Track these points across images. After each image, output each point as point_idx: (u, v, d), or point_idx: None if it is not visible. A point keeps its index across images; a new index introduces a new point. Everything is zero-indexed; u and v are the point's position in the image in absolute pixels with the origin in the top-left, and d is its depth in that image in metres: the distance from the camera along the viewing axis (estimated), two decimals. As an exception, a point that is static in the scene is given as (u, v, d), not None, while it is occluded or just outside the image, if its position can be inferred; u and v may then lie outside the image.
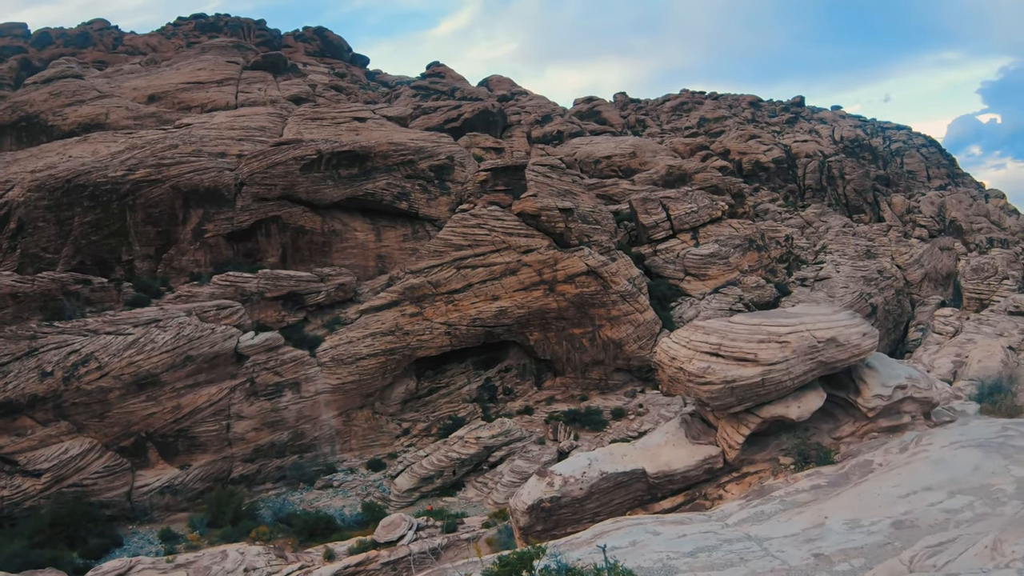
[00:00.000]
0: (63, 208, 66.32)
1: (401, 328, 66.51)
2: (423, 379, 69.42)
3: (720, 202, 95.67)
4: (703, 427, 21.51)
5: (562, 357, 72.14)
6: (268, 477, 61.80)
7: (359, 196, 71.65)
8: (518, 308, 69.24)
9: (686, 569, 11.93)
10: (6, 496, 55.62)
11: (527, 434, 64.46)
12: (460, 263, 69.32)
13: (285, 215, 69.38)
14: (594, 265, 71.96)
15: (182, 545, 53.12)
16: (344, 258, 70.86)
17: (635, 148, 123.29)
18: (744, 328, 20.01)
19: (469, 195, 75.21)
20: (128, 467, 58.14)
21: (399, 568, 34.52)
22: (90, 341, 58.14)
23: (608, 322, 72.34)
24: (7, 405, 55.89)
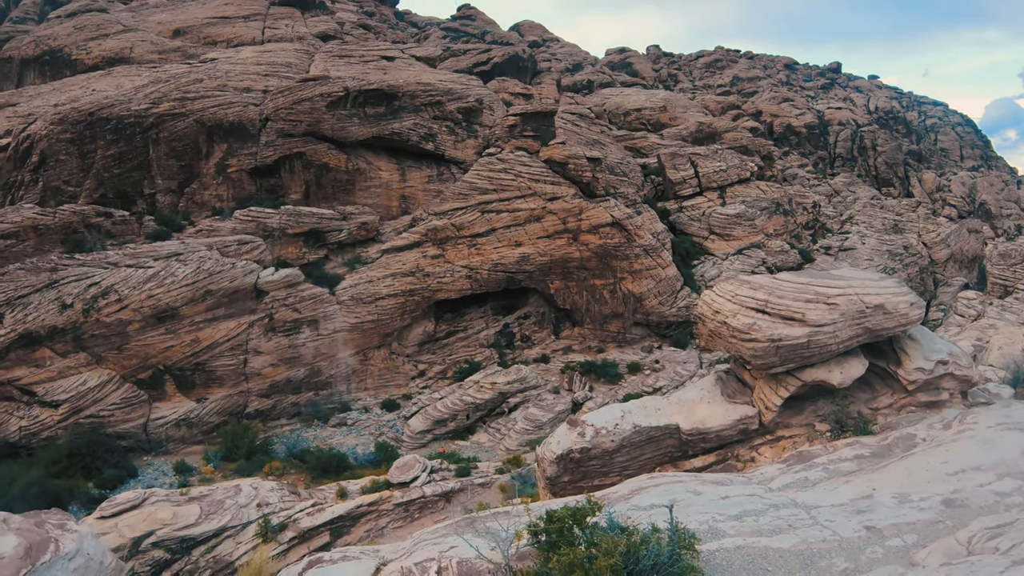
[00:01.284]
0: (86, 141, 65.89)
1: (422, 269, 66.09)
2: (441, 322, 69.16)
3: (749, 163, 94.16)
4: (739, 386, 20.83)
5: (582, 307, 71.63)
6: (283, 413, 61.99)
7: (385, 135, 70.73)
8: (541, 255, 68.62)
9: (733, 533, 11.38)
10: (24, 426, 56.19)
11: (542, 382, 64.18)
12: (485, 207, 68.65)
13: (310, 152, 68.60)
14: (619, 217, 71.09)
15: (196, 477, 53.34)
16: (367, 197, 70.18)
17: (666, 102, 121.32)
18: (792, 286, 19.19)
19: (496, 139, 74.21)
20: (145, 399, 58.42)
21: (411, 510, 34.44)
22: (110, 274, 58.13)
23: (630, 275, 71.66)
24: (26, 336, 56.23)
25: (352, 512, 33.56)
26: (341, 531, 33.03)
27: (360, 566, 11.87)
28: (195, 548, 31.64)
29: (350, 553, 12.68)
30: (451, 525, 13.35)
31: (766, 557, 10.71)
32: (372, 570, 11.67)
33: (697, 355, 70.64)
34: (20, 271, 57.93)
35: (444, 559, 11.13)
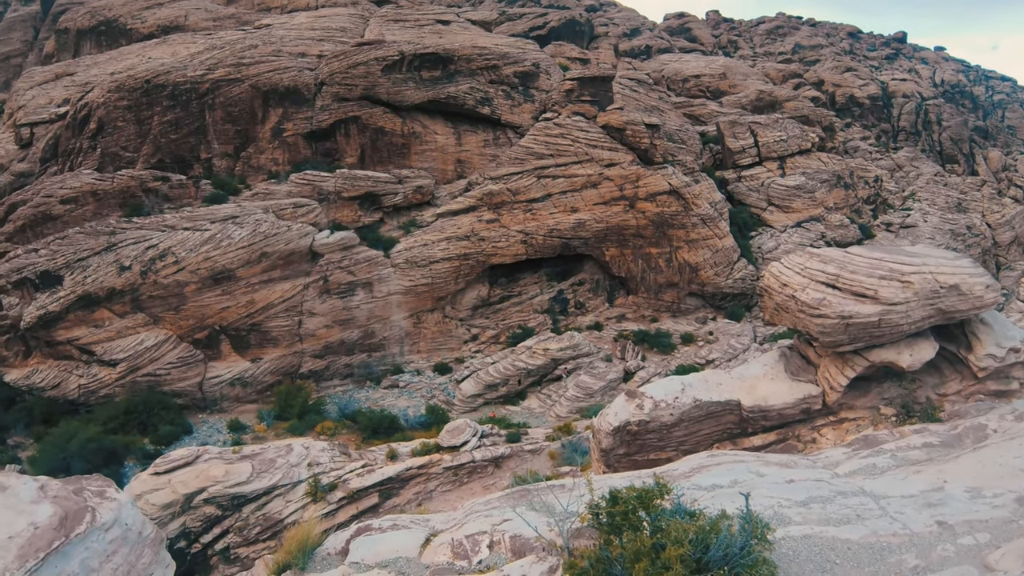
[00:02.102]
0: (142, 108, 66.51)
1: (477, 234, 65.91)
2: (495, 286, 69.00)
3: (810, 133, 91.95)
4: (802, 363, 20.10)
5: (636, 276, 70.94)
6: (336, 374, 62.63)
7: (440, 99, 70.26)
8: (597, 222, 67.99)
9: (800, 520, 10.92)
10: (83, 384, 57.83)
11: (595, 350, 63.87)
12: (541, 172, 68.08)
13: (365, 116, 68.45)
14: (677, 185, 70.06)
15: (249, 435, 54.24)
16: (423, 161, 69.96)
17: (725, 69, 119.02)
18: (864, 261, 18.35)
19: (553, 104, 73.30)
20: (201, 359, 59.51)
21: (460, 474, 34.38)
22: (168, 236, 59.09)
23: (686, 244, 70.75)
24: (86, 298, 57.63)
25: (401, 474, 33.62)
26: (390, 493, 33.09)
27: (409, 536, 11.70)
28: (246, 505, 31.98)
29: (400, 522, 12.53)
30: (505, 497, 13.09)
31: (833, 548, 10.26)
32: (421, 540, 11.47)
33: (751, 328, 69.72)
34: (79, 235, 59.27)
35: (496, 533, 10.92)
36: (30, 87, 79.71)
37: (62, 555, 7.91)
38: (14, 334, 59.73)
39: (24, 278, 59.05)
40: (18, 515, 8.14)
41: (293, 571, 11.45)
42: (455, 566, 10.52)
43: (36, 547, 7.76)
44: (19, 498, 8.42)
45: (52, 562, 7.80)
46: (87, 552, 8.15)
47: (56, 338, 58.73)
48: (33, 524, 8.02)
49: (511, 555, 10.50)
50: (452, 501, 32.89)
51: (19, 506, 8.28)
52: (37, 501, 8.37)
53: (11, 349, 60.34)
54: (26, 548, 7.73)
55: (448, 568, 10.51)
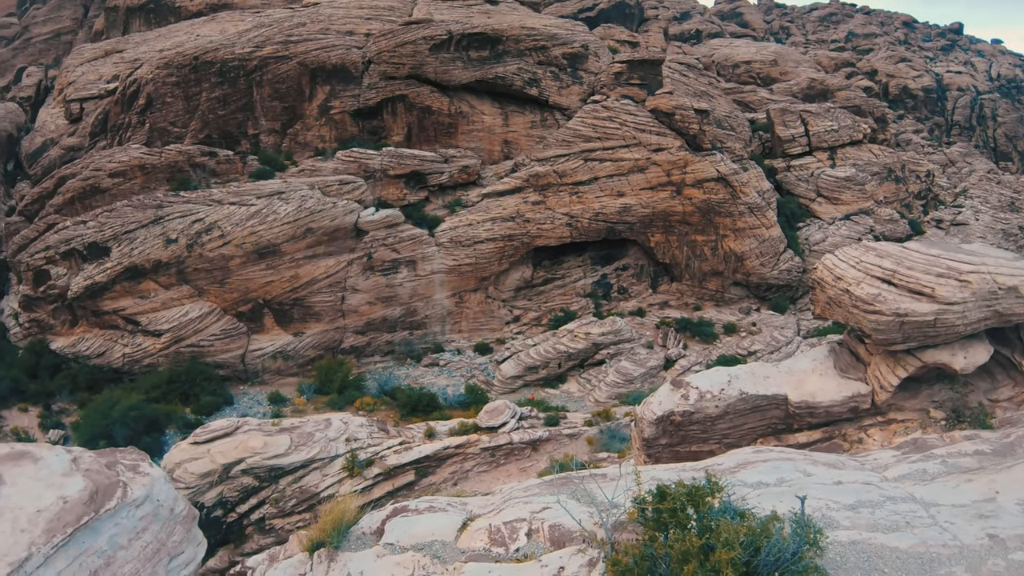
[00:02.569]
0: (190, 84, 67.25)
1: (522, 215, 65.65)
2: (539, 268, 68.79)
3: (862, 124, 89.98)
4: (852, 360, 19.48)
5: (681, 263, 70.31)
6: (377, 350, 63.04)
7: (488, 79, 69.91)
8: (643, 207, 67.38)
9: (848, 525, 10.57)
10: (127, 354, 59.04)
11: (636, 336, 63.45)
12: (588, 155, 67.54)
13: (412, 94, 68.37)
14: (725, 172, 69.14)
15: (289, 408, 54.86)
16: (469, 141, 69.76)
17: (777, 56, 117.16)
18: (921, 257, 17.72)
19: (602, 86, 72.61)
20: (244, 331, 60.25)
21: (497, 455, 34.34)
22: (214, 210, 59.67)
23: (732, 233, 69.85)
24: (133, 269, 58.62)
25: (438, 453, 33.71)
26: (426, 471, 33.29)
27: (446, 519, 11.53)
28: (283, 477, 32.30)
29: (436, 504, 12.35)
30: (545, 483, 12.85)
31: (882, 557, 9.92)
32: (458, 525, 11.30)
33: (795, 321, 68.76)
34: (127, 208, 60.17)
35: (536, 521, 10.69)
36: (80, 63, 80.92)
37: (90, 531, 7.80)
38: (61, 303, 61.08)
39: (72, 249, 60.28)
40: (48, 488, 8.03)
41: (327, 549, 11.34)
42: (492, 553, 10.34)
43: (64, 522, 7.65)
44: (51, 470, 8.32)
45: (80, 538, 7.69)
46: (116, 528, 8.04)
47: (102, 308, 59.80)
48: (63, 498, 7.91)
49: (550, 545, 10.27)
50: (488, 482, 32.94)
51: (50, 479, 8.18)
52: (69, 474, 8.27)
53: (58, 318, 61.67)
54: (54, 523, 7.61)
55: (484, 554, 10.33)
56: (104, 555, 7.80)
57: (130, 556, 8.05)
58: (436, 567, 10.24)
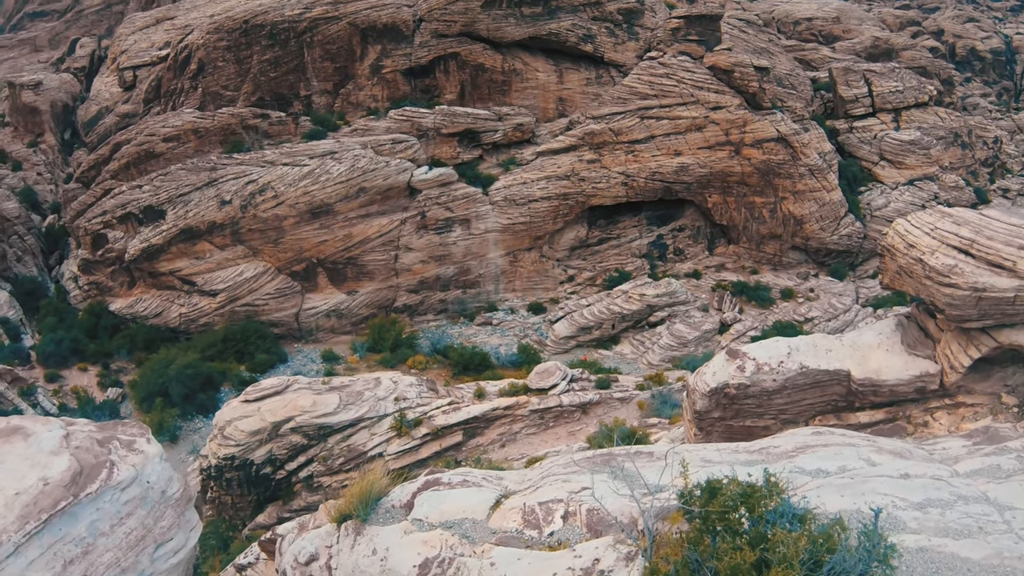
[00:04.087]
0: (241, 48, 67.48)
1: (577, 174, 64.72)
2: (594, 228, 67.84)
3: (928, 86, 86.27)
4: (920, 336, 18.10)
5: (739, 225, 68.82)
6: (430, 309, 63.25)
7: (542, 36, 68.67)
8: (700, 167, 65.90)
9: (915, 527, 9.60)
10: (184, 313, 60.18)
11: (692, 298, 62.60)
12: (644, 113, 66.11)
13: (464, 52, 67.60)
14: (785, 132, 67.12)
15: (342, 366, 55.38)
16: (523, 98, 68.81)
17: (839, 13, 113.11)
18: (1002, 227, 16.27)
19: (658, 42, 70.77)
20: (298, 290, 60.81)
21: (546, 418, 34.04)
22: (267, 172, 60.01)
23: (792, 196, 67.96)
24: (188, 231, 59.43)
25: (487, 414, 33.61)
26: (474, 432, 33.21)
27: (479, 495, 11.08)
28: (331, 436, 32.57)
29: (471, 477, 11.91)
30: (586, 460, 12.19)
31: (952, 568, 8.81)
32: (491, 502, 10.81)
33: (854, 288, 67.03)
34: (181, 171, 60.94)
35: (573, 503, 10.13)
36: (132, 32, 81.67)
37: (68, 516, 7.39)
38: (119, 266, 62.31)
39: (129, 213, 61.29)
40: (32, 468, 7.66)
41: (354, 521, 11.07)
42: (524, 535, 9.89)
43: (40, 507, 7.25)
44: (39, 447, 7.96)
45: (56, 524, 7.28)
46: (98, 514, 7.61)
47: (159, 269, 60.80)
48: (44, 479, 7.52)
49: (586, 531, 9.73)
50: (536, 445, 32.82)
51: (36, 457, 7.82)
52: (56, 452, 7.89)
53: (116, 280, 62.87)
54: (30, 507, 7.23)
55: (516, 537, 9.89)
56: (82, 543, 7.40)
57: (111, 544, 7.61)
58: (464, 547, 9.85)
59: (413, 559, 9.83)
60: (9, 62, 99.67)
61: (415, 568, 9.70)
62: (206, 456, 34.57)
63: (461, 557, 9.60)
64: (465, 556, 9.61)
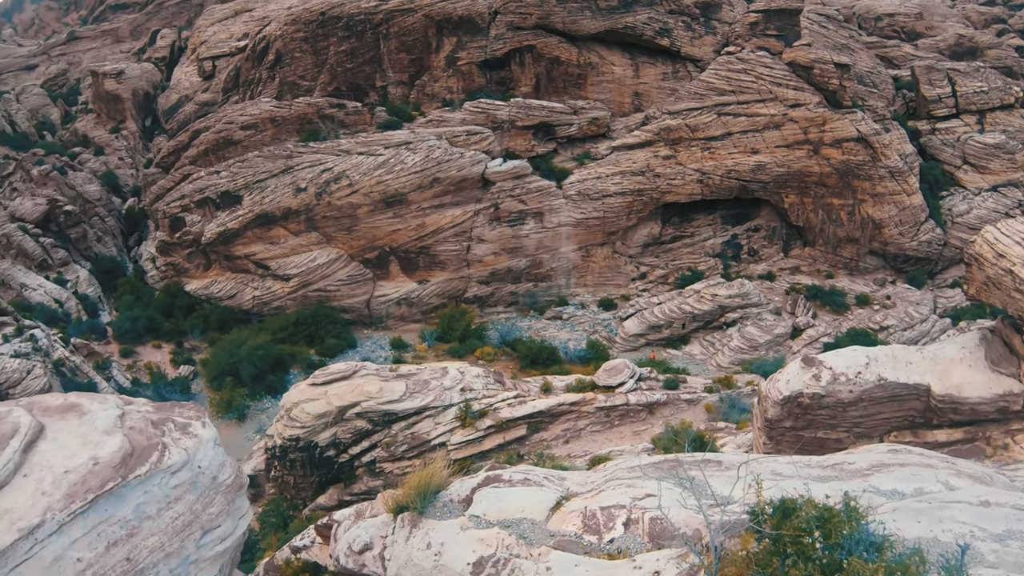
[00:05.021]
0: (318, 39, 68.14)
1: (652, 169, 64.06)
2: (668, 225, 67.09)
3: (1014, 87, 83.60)
4: (1005, 352, 17.15)
5: (815, 227, 67.28)
6: (500, 301, 63.25)
7: (618, 29, 67.98)
8: (777, 166, 64.66)
9: (993, 561, 8.55)
10: (257, 296, 61.62)
11: (764, 301, 61.53)
12: (721, 109, 65.20)
13: (540, 45, 67.29)
14: (866, 132, 65.49)
15: (410, 354, 55.85)
16: (599, 92, 68.29)
17: (922, 9, 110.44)
18: None
19: (736, 37, 69.66)
20: (370, 277, 61.55)
21: (612, 416, 33.72)
22: (342, 160, 60.75)
23: (871, 198, 66.25)
24: (263, 217, 60.64)
25: (552, 409, 33.47)
26: (538, 427, 33.05)
27: (540, 495, 10.80)
28: (395, 423, 32.82)
29: (532, 476, 11.65)
30: (652, 465, 11.70)
31: None
32: (552, 503, 10.53)
33: (932, 298, 65.15)
34: (258, 158, 62.14)
35: (636, 509, 9.77)
36: (211, 23, 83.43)
37: (115, 498, 7.25)
38: (196, 248, 64.01)
39: (206, 198, 62.86)
40: (84, 446, 7.57)
41: (411, 513, 10.96)
42: (583, 540, 9.59)
43: (88, 487, 7.12)
44: (93, 426, 7.86)
45: (102, 505, 7.15)
46: (145, 497, 7.46)
47: (234, 253, 62.00)
48: (94, 459, 7.40)
49: (648, 540, 9.35)
50: (600, 443, 32.55)
51: (89, 435, 7.71)
52: (110, 432, 7.78)
53: (193, 262, 64.39)
54: (77, 486, 7.11)
55: (575, 541, 9.59)
56: (127, 525, 7.27)
57: (156, 528, 7.48)
58: (521, 549, 9.61)
59: (468, 557, 9.72)
60: (92, 52, 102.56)
61: (469, 566, 9.58)
62: (272, 436, 35.12)
63: (517, 559, 9.41)
64: (521, 558, 9.40)
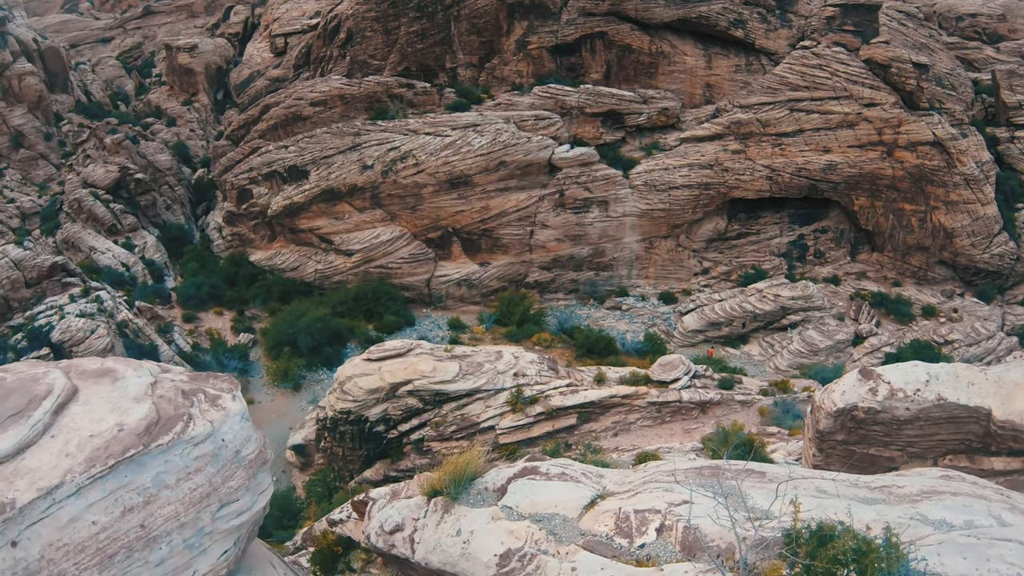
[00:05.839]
0: (389, 19, 68.41)
1: (720, 164, 63.19)
2: (734, 221, 66.16)
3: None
4: None
5: (885, 232, 65.73)
6: (561, 288, 63.18)
7: (691, 19, 67.03)
8: (849, 166, 63.31)
9: None
10: (319, 270, 62.55)
11: (828, 305, 60.59)
12: (794, 105, 63.95)
13: (612, 32, 66.66)
14: (942, 136, 63.74)
15: (467, 335, 56.18)
16: (670, 82, 67.52)
17: (1006, 10, 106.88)
18: None
19: (812, 31, 68.25)
20: (431, 257, 61.95)
21: (664, 412, 33.35)
22: (410, 140, 61.17)
23: (944, 206, 64.44)
24: (329, 192, 61.40)
25: (604, 400, 33.24)
26: (588, 417, 32.89)
27: (576, 491, 10.60)
28: (446, 403, 33.00)
29: (570, 471, 11.44)
30: (693, 470, 11.30)
31: None
32: (587, 501, 10.32)
33: (1000, 314, 63.38)
34: (326, 134, 62.87)
35: (671, 516, 9.45)
36: (284, 1, 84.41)
37: (136, 465, 7.34)
38: (262, 220, 65.08)
39: (274, 171, 63.72)
40: (112, 412, 7.68)
41: (444, 498, 10.97)
42: (613, 543, 9.36)
43: (110, 452, 7.23)
44: (124, 392, 7.99)
45: (122, 471, 7.24)
46: (165, 466, 7.53)
47: (299, 226, 62.82)
48: (120, 425, 7.51)
49: (679, 549, 9.03)
50: (649, 438, 32.25)
51: (119, 401, 7.83)
52: (139, 399, 7.89)
53: (258, 233, 65.47)
54: (100, 451, 7.22)
55: (604, 543, 9.38)
56: (145, 492, 7.37)
57: (173, 497, 7.56)
58: (549, 545, 9.46)
59: (495, 547, 9.63)
60: (167, 26, 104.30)
61: (495, 557, 9.50)
62: (324, 408, 35.59)
63: (544, 555, 9.28)
64: (548, 555, 9.27)
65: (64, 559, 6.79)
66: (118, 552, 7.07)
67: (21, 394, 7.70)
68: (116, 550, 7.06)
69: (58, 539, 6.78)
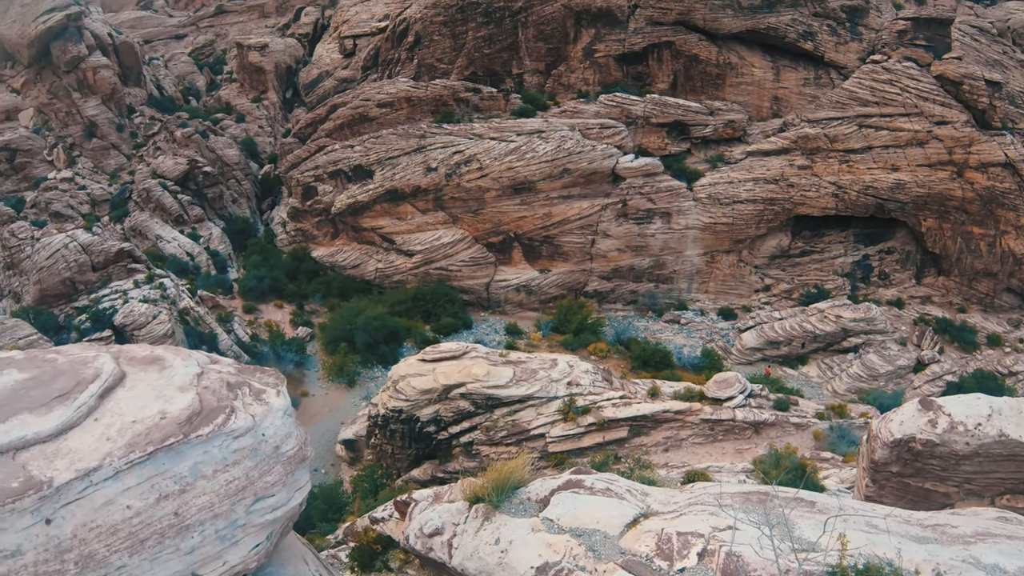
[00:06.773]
0: (457, 24, 68.67)
1: (786, 179, 62.45)
2: (797, 238, 65.24)
3: None
4: None
5: (952, 255, 64.28)
6: (619, 298, 62.93)
7: (760, 30, 66.19)
8: (918, 186, 62.10)
9: None
10: (380, 268, 63.35)
11: (890, 329, 59.29)
12: (863, 121, 62.93)
13: (679, 41, 66.15)
14: (1015, 158, 62.24)
15: (523, 341, 56.26)
16: (737, 94, 66.76)
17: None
18: None
19: (883, 45, 66.88)
20: (492, 261, 62.27)
21: (716, 430, 32.89)
22: (474, 144, 61.62)
23: (1014, 230, 62.89)
24: (392, 192, 62.18)
25: (657, 415, 32.91)
26: (640, 430, 32.61)
27: (619, 508, 10.45)
28: (498, 408, 32.91)
29: (615, 487, 11.27)
30: (741, 495, 11.05)
31: None
32: (629, 519, 10.15)
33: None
34: (392, 136, 63.63)
35: (714, 541, 9.21)
36: (354, 3, 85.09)
37: (174, 453, 7.37)
38: (325, 217, 66.01)
39: (339, 170, 64.66)
40: (157, 399, 7.77)
41: (485, 505, 10.92)
42: (652, 564, 9.14)
43: (150, 439, 7.30)
44: (170, 381, 8.09)
45: (160, 459, 7.28)
46: (204, 456, 7.55)
47: (362, 225, 63.59)
48: (162, 413, 7.59)
49: None
50: (700, 455, 31.94)
51: (164, 389, 7.93)
52: (184, 388, 7.98)
53: (321, 230, 66.34)
54: (140, 437, 7.29)
55: (644, 564, 9.16)
56: (181, 481, 7.40)
57: (209, 488, 7.59)
58: (587, 561, 9.31)
59: (532, 560, 9.54)
60: (239, 25, 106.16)
61: (532, 569, 9.41)
62: (376, 405, 35.70)
63: (581, 571, 9.15)
64: (585, 571, 9.14)
65: (96, 540, 6.89)
66: (150, 537, 7.17)
67: (70, 376, 7.86)
68: (148, 535, 7.15)
69: (92, 520, 6.89)
